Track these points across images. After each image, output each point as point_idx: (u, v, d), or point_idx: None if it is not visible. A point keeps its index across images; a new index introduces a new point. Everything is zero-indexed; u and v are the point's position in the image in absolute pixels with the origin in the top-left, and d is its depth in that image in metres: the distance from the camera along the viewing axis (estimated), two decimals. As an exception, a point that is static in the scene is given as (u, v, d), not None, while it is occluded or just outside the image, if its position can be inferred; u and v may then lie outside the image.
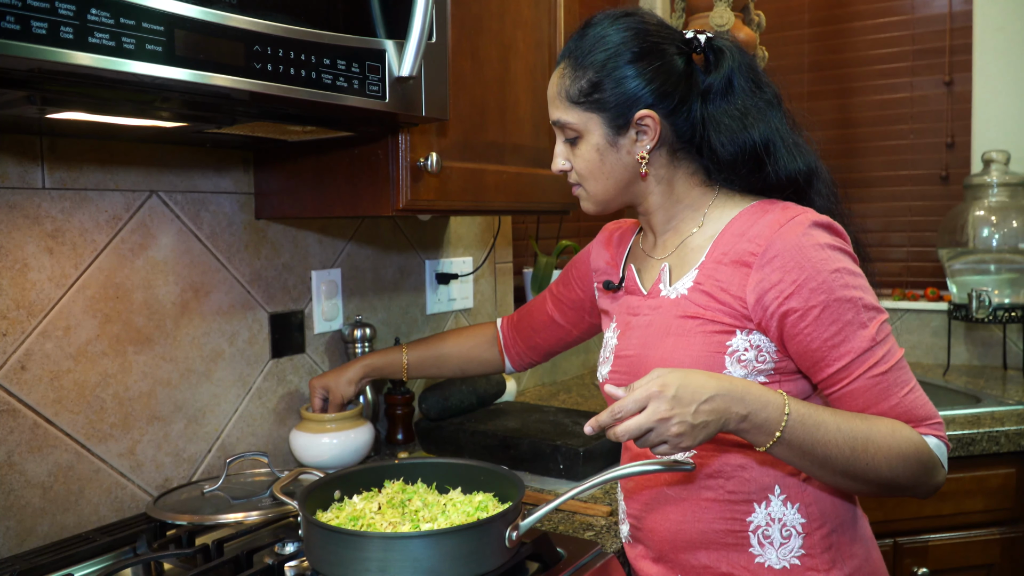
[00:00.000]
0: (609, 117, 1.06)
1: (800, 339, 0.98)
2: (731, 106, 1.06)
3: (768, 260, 0.98)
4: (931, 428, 0.99)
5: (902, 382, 0.98)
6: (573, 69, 1.08)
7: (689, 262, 1.09)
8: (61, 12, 0.76)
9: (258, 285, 1.56)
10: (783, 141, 1.06)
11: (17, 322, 1.20)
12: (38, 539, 1.23)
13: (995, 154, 2.42)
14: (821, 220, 1.00)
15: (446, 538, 0.97)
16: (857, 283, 0.98)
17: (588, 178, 1.12)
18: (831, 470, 0.95)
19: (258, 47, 0.95)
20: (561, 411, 1.80)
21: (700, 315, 1.03)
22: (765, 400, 0.92)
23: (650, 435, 0.90)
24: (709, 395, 0.90)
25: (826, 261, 0.97)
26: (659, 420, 0.88)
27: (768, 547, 1.02)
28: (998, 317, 2.34)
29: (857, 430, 0.94)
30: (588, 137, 1.08)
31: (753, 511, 1.03)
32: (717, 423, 0.90)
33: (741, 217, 1.05)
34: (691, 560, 1.06)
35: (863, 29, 2.79)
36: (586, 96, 1.06)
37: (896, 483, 0.96)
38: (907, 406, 0.98)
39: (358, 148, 1.34)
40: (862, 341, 0.96)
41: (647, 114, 1.05)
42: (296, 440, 1.52)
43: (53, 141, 1.24)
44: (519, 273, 2.42)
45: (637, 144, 1.07)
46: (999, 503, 1.91)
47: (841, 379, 0.98)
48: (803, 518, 1.03)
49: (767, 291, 0.98)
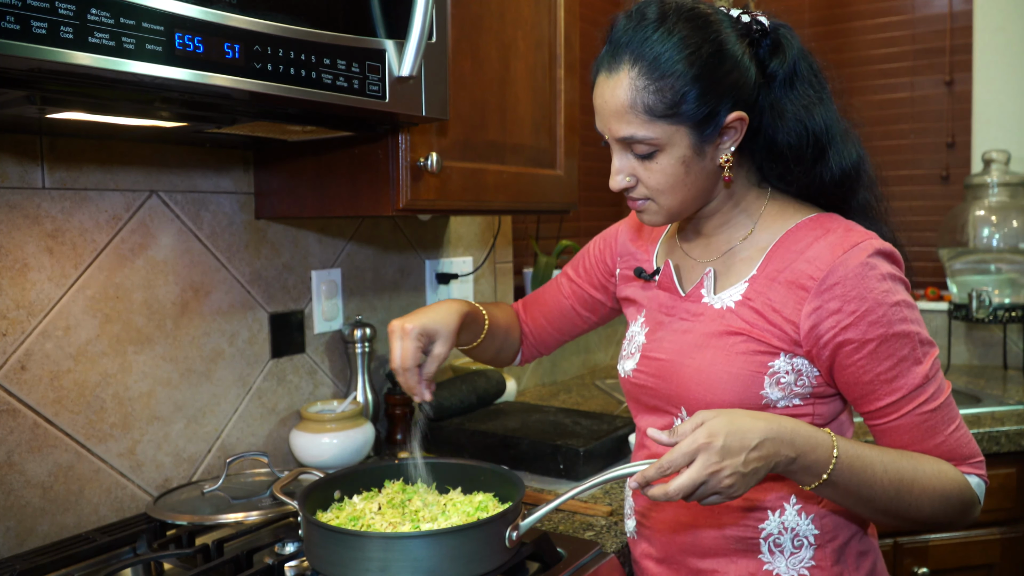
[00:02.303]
0: (699, 126, 0.95)
1: (852, 370, 0.95)
2: (795, 94, 0.99)
3: (828, 287, 0.94)
4: (973, 467, 0.97)
5: (949, 419, 0.96)
6: (650, 78, 0.94)
7: (738, 272, 1.03)
8: (61, 12, 0.76)
9: (258, 285, 1.56)
10: (839, 133, 1.01)
11: (17, 322, 1.20)
12: (38, 539, 1.23)
13: (995, 154, 2.42)
14: (884, 248, 0.96)
15: (446, 538, 0.97)
16: (915, 316, 0.95)
17: (665, 192, 1.00)
18: (873, 508, 0.94)
19: (258, 47, 0.95)
20: (561, 411, 1.80)
21: (746, 332, 0.99)
22: (815, 443, 0.90)
23: (701, 488, 0.86)
24: (758, 440, 0.87)
25: (888, 293, 0.93)
26: (711, 474, 0.85)
27: (778, 555, 1.01)
28: (998, 317, 2.34)
29: (904, 471, 0.93)
30: (671, 150, 0.97)
31: (767, 518, 1.01)
32: (767, 468, 0.88)
33: (798, 231, 1.00)
34: (698, 564, 1.05)
35: (863, 29, 2.79)
36: (673, 108, 0.94)
37: (935, 521, 0.96)
38: (952, 444, 0.96)
39: (358, 148, 1.34)
40: (915, 378, 0.94)
41: (739, 116, 0.96)
42: (296, 440, 1.52)
43: (53, 141, 1.23)
44: (519, 273, 2.42)
45: (720, 148, 0.99)
46: (999, 503, 1.91)
47: (890, 414, 0.96)
48: (816, 529, 1.01)
49: (824, 319, 0.94)
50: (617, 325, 2.86)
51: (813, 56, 1.03)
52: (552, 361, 2.49)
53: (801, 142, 0.99)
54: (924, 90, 2.71)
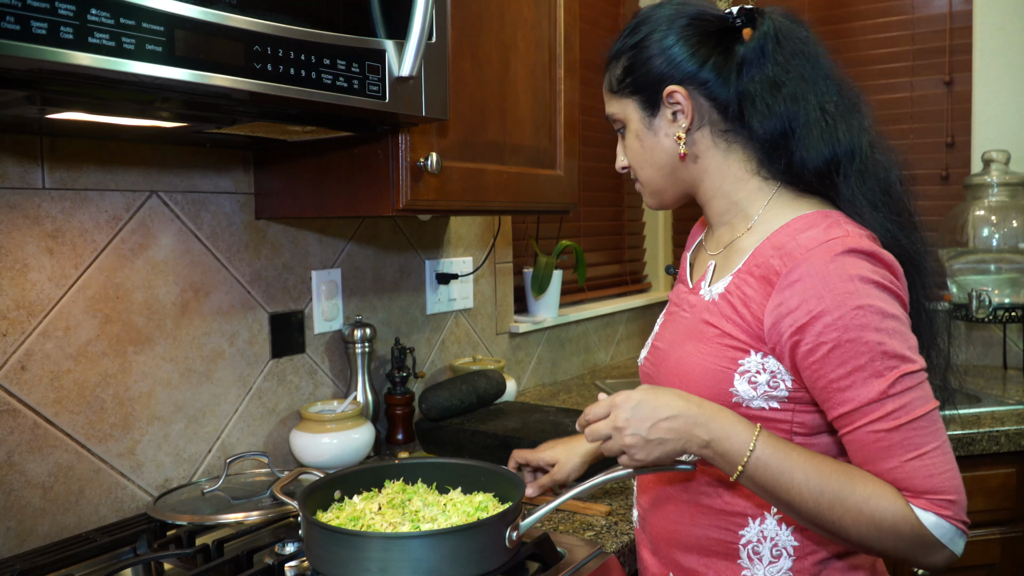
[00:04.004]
0: (642, 99, 1.05)
1: (808, 374, 0.91)
2: (764, 78, 0.98)
3: (790, 283, 0.91)
4: (933, 504, 0.86)
5: (912, 444, 0.86)
6: (613, 61, 1.08)
7: (731, 265, 1.03)
8: (61, 12, 0.76)
9: (258, 285, 1.56)
10: (813, 120, 0.97)
11: (17, 322, 1.20)
12: (38, 539, 1.23)
13: (995, 154, 2.42)
14: (862, 247, 0.90)
15: (446, 538, 0.97)
16: (883, 325, 0.87)
17: (637, 168, 1.09)
18: (799, 516, 0.91)
19: (258, 47, 0.95)
20: (561, 411, 1.80)
21: (719, 325, 0.99)
22: (731, 431, 0.90)
23: (609, 442, 0.95)
24: (671, 414, 0.91)
25: (851, 295, 0.87)
26: (615, 428, 0.93)
27: (757, 562, 1.00)
28: (998, 317, 2.34)
29: (827, 485, 0.88)
30: (629, 125, 1.07)
31: (747, 525, 1.00)
32: (676, 443, 0.91)
33: (788, 227, 0.97)
34: (682, 561, 1.05)
35: (863, 29, 2.79)
36: (620, 82, 1.06)
37: (870, 548, 0.90)
38: (907, 472, 0.86)
39: (358, 148, 1.34)
40: (870, 391, 0.87)
41: (675, 89, 1.01)
42: (296, 440, 1.52)
43: (53, 141, 1.24)
44: (519, 273, 2.42)
45: (674, 124, 1.04)
46: (999, 503, 1.91)
47: (844, 425, 0.90)
48: (796, 541, 0.98)
49: (783, 317, 0.91)
50: (617, 325, 2.86)
51: (809, 42, 1.00)
52: (552, 361, 2.49)
53: (774, 127, 0.98)
54: (924, 90, 2.71)
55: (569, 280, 2.59)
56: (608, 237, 2.90)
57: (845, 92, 1.01)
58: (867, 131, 1.00)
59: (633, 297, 2.98)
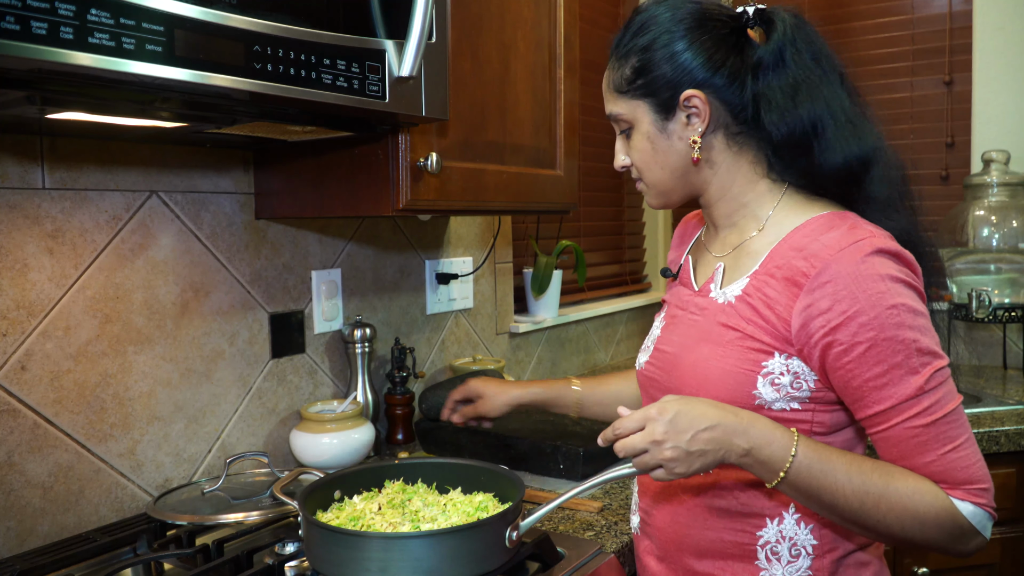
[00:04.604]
0: (656, 102, 1.03)
1: (841, 374, 0.92)
2: (782, 81, 0.98)
3: (820, 284, 0.91)
4: (970, 493, 0.92)
5: (947, 438, 0.90)
6: (618, 59, 1.05)
7: (744, 267, 1.03)
8: (61, 12, 0.76)
9: (258, 285, 1.56)
10: (836, 121, 0.98)
11: (17, 322, 1.20)
12: (38, 539, 1.23)
13: (995, 154, 2.42)
14: (888, 247, 0.91)
15: (446, 538, 0.97)
16: (915, 323, 0.90)
17: (644, 169, 1.07)
18: (840, 517, 0.92)
19: (258, 47, 0.95)
20: (561, 411, 1.80)
21: (740, 328, 0.98)
22: (771, 437, 0.90)
23: (645, 456, 0.91)
24: (710, 424, 0.89)
25: (884, 295, 0.89)
26: (652, 442, 0.90)
27: (775, 563, 0.99)
28: (998, 317, 2.34)
29: (870, 484, 0.90)
30: (639, 126, 1.05)
31: (765, 526, 1.00)
32: (715, 453, 0.90)
33: (805, 228, 0.97)
34: (695, 565, 1.04)
35: (863, 29, 2.79)
36: (631, 83, 1.04)
37: (911, 542, 0.93)
38: (945, 465, 0.90)
39: (358, 148, 1.34)
40: (907, 388, 0.89)
41: (693, 94, 1.00)
42: (296, 440, 1.52)
43: (53, 141, 1.24)
44: (519, 273, 2.42)
45: (688, 128, 1.02)
46: (999, 503, 1.87)
47: (879, 423, 0.92)
48: (815, 540, 0.99)
49: (814, 318, 0.91)
50: (617, 325, 2.86)
51: (822, 44, 1.02)
52: (552, 361, 2.49)
53: (789, 134, 0.98)
54: (924, 90, 2.71)
55: (569, 280, 2.59)
56: (608, 237, 2.90)
57: (855, 92, 1.03)
58: (880, 131, 1.02)
59: (633, 297, 2.99)
